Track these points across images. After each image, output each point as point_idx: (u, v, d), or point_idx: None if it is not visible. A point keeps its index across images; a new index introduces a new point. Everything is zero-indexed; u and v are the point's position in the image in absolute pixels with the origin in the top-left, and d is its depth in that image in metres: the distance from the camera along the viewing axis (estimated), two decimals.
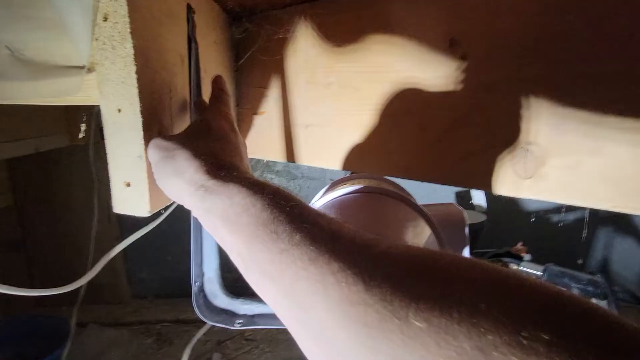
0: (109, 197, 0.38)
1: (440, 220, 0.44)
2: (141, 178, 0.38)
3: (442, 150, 0.56)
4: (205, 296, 0.53)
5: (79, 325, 1.41)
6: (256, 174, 1.62)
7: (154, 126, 0.38)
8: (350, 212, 0.41)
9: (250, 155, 0.76)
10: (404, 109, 0.56)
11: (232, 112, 0.38)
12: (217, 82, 0.40)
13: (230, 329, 0.50)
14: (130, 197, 0.39)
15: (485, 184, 0.49)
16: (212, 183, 0.26)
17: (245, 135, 0.74)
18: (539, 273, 1.09)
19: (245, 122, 0.73)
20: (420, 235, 0.42)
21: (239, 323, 0.54)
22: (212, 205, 0.25)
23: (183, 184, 0.28)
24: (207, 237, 0.53)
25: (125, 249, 1.76)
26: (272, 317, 0.54)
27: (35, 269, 1.56)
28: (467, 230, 0.45)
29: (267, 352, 1.30)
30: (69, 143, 1.43)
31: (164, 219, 0.51)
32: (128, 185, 0.39)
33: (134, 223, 0.50)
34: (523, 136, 0.44)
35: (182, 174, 0.28)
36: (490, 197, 1.31)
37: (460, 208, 0.46)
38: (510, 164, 0.45)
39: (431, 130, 0.54)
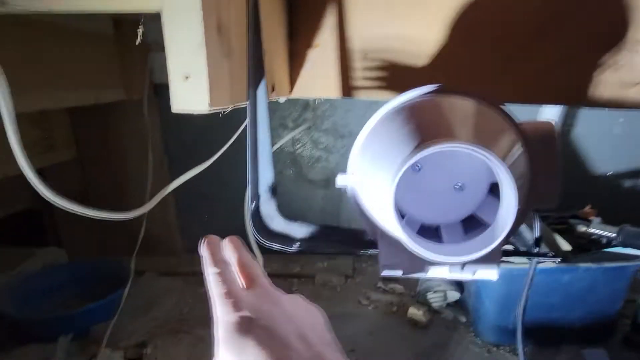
0: (162, 151, 0.36)
1: (530, 133, 0.38)
2: (201, 69, 0.36)
3: (523, 62, 0.50)
4: (261, 218, 0.51)
5: (137, 273, 1.49)
6: (304, 138, 1.58)
7: (213, 14, 0.35)
8: (424, 116, 0.37)
9: (302, 95, 0.73)
10: (478, 20, 0.49)
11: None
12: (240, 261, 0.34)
13: (291, 249, 0.48)
14: (189, 91, 0.37)
15: (578, 97, 0.43)
16: None
17: (298, 72, 0.70)
18: (613, 234, 0.99)
19: (299, 58, 0.69)
20: (507, 147, 0.37)
21: (296, 246, 0.52)
22: None
23: None
24: (264, 156, 0.50)
25: (178, 206, 1.83)
26: (331, 241, 0.51)
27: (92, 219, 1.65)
28: (558, 147, 0.39)
29: None
30: (125, 97, 1.48)
31: (215, 178, 0.49)
32: (187, 78, 0.37)
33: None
34: (632, 34, 0.37)
35: None
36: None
37: (553, 122, 0.40)
38: (611, 70, 0.38)
39: (509, 41, 0.48)
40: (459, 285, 1.21)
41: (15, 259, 1.37)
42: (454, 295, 1.19)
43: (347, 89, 0.67)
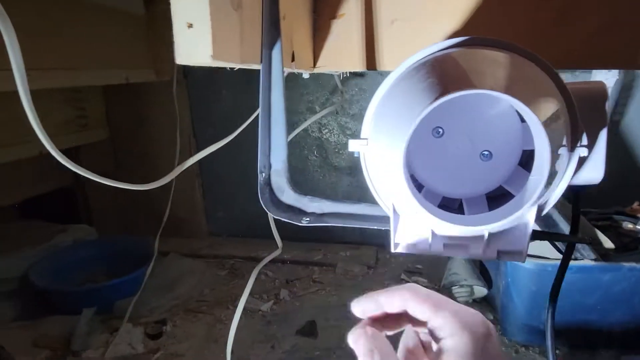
0: (190, 132, 0.34)
1: (576, 94, 0.33)
2: (204, 17, 0.33)
3: (572, 22, 0.44)
4: (271, 190, 0.49)
5: (162, 253, 1.51)
6: (332, 124, 1.54)
7: None
8: (448, 69, 0.33)
9: (326, 68, 0.69)
10: None
11: None
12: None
13: (300, 223, 0.46)
14: (192, 41, 0.34)
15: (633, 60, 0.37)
16: None
17: (322, 46, 0.67)
18: None
19: (322, 31, 0.66)
20: (548, 107, 0.32)
21: (306, 220, 0.48)
22: None
23: None
24: (277, 124, 0.47)
25: (203, 190, 1.83)
26: (342, 216, 0.48)
27: (125, 198, 1.69)
28: (607, 107, 0.34)
29: (333, 295, 1.28)
30: (155, 79, 1.50)
31: (241, 165, 0.46)
32: (190, 26, 0.34)
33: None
34: None
35: None
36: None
37: (603, 81, 0.35)
38: None
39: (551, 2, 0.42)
40: (487, 280, 1.14)
41: (48, 234, 1.42)
42: (481, 291, 1.13)
43: (372, 60, 0.63)
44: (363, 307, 0.28)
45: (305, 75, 0.67)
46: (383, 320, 0.28)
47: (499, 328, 1.07)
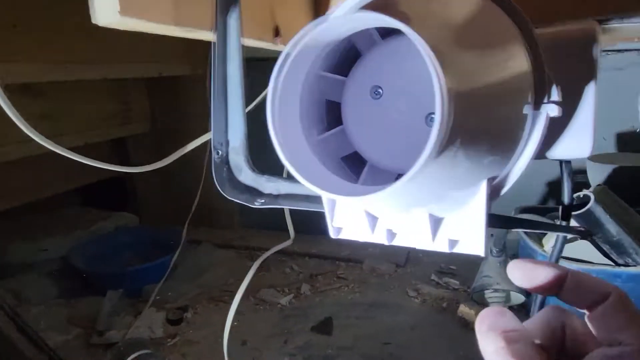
0: None
1: (554, 37, 0.26)
2: None
3: None
4: (229, 169, 0.45)
5: (195, 242, 1.55)
6: None
7: None
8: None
9: None
10: None
11: None
12: None
13: (254, 205, 0.42)
14: None
15: None
16: None
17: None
18: None
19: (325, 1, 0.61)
20: (507, 63, 0.25)
21: (260, 202, 0.44)
22: None
23: None
24: (234, 97, 0.43)
25: None
26: (298, 198, 0.43)
27: (168, 188, 1.76)
28: (596, 54, 0.26)
29: (356, 292, 1.22)
30: (190, 72, 1.53)
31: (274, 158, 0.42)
32: None
33: None
34: None
35: None
36: None
37: (595, 23, 0.26)
38: None
39: None
40: None
41: (92, 219, 1.52)
42: (518, 298, 1.01)
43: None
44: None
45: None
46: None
47: None
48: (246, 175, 0.44)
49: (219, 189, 0.44)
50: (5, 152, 1.10)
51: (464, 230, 0.27)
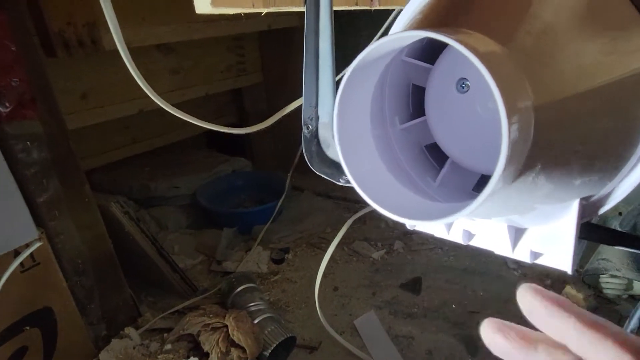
0: None
1: None
2: None
3: None
4: (318, 143, 0.47)
5: (299, 189, 1.67)
6: None
7: None
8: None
9: None
10: None
11: None
12: None
13: (338, 182, 0.44)
14: None
15: None
16: None
17: None
18: None
19: None
20: (623, 59, 0.22)
21: (344, 179, 0.46)
22: None
23: None
24: (325, 72, 0.44)
25: None
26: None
27: (280, 138, 1.88)
28: None
29: (450, 255, 1.19)
30: (298, 24, 1.55)
31: None
32: None
33: None
34: None
35: None
36: None
37: None
38: None
39: None
40: None
41: (214, 162, 1.72)
42: None
43: None
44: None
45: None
46: None
47: None
48: (334, 151, 0.46)
49: (307, 163, 0.47)
50: (145, 103, 1.29)
51: (550, 244, 0.25)
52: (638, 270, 0.88)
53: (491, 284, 1.05)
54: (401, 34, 0.20)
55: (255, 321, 0.90)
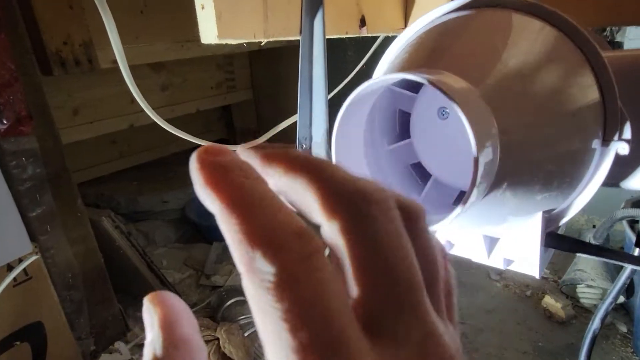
0: None
1: (620, 68, 0.25)
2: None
3: None
4: None
5: None
6: None
7: None
8: (463, 39, 0.28)
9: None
10: None
11: None
12: None
13: None
14: (204, 21, 0.37)
15: None
16: None
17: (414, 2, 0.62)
18: None
19: None
20: (581, 92, 0.26)
21: None
22: None
23: None
24: (318, 96, 0.48)
25: None
26: None
27: None
28: None
29: None
30: (287, 44, 1.60)
31: None
32: (203, 7, 0.37)
33: None
34: None
35: None
36: None
37: None
38: None
39: None
40: (629, 287, 0.93)
41: None
42: None
43: None
44: None
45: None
46: None
47: (631, 345, 0.87)
48: None
49: None
50: (136, 118, 1.31)
51: (520, 252, 0.29)
52: (611, 280, 0.93)
53: (474, 295, 1.08)
54: (387, 76, 0.23)
55: (246, 334, 0.92)
